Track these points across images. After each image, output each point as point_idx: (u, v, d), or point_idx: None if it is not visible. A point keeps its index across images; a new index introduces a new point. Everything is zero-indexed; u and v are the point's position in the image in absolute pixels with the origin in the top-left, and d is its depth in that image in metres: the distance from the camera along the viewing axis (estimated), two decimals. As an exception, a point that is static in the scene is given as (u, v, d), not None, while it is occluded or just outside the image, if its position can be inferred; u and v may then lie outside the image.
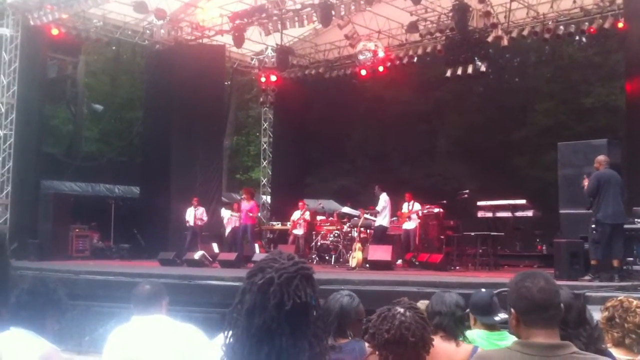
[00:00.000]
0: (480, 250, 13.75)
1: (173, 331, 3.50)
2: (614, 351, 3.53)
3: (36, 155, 17.54)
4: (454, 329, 3.74)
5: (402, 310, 2.75)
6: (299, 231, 16.77)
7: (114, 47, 19.91)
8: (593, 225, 9.57)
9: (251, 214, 15.19)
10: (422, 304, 4.07)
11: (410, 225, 14.96)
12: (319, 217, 17.80)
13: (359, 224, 15.19)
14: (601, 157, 9.94)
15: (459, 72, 16.63)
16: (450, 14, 15.55)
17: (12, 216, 16.52)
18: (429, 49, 18.30)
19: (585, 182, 9.80)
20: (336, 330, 3.48)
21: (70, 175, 23.32)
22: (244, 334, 1.75)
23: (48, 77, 19.03)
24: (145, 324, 3.55)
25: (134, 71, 28.58)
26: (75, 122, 26.87)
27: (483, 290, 4.41)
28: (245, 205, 15.83)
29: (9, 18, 16.89)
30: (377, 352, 2.81)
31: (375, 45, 18.01)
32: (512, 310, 2.40)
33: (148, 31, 19.34)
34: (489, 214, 14.85)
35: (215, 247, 16.63)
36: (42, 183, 18.40)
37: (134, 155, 25.67)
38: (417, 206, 15.01)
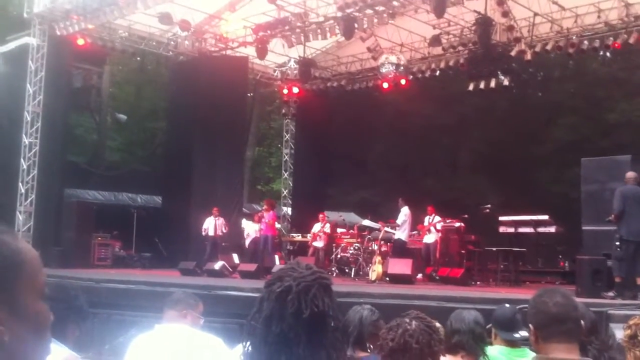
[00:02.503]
0: (502, 266, 13.64)
1: (195, 341, 3.51)
2: (637, 370, 3.47)
3: (60, 164, 17.74)
4: (474, 347, 3.69)
5: (407, 320, 2.78)
6: (319, 243, 16.75)
7: (138, 58, 20.14)
8: (617, 243, 9.46)
9: (268, 221, 15.49)
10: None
11: (430, 239, 14.89)
12: (339, 230, 17.79)
13: (380, 237, 15.16)
14: (630, 174, 9.85)
15: (482, 86, 16.58)
16: (473, 28, 15.51)
17: (36, 224, 16.69)
18: (451, 63, 18.24)
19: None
20: (355, 343, 3.48)
21: (93, 184, 23.57)
22: (262, 343, 1.75)
23: (73, 86, 19.31)
24: (167, 333, 3.57)
25: (158, 82, 28.85)
26: (99, 132, 27.20)
27: (507, 305, 4.38)
28: (267, 216, 15.93)
29: (36, 28, 17.14)
30: None
31: (398, 59, 18.02)
32: (531, 326, 2.39)
33: (172, 42, 19.52)
34: (511, 230, 14.76)
35: (235, 257, 16.67)
36: (65, 191, 18.59)
37: (157, 165, 25.87)
38: (437, 219, 14.97)
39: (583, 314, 3.41)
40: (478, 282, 13.63)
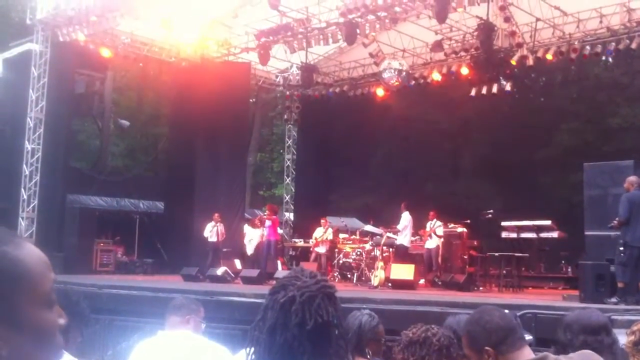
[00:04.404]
0: (504, 271, 13.62)
1: (198, 348, 3.50)
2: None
3: (63, 170, 17.77)
4: None
5: (433, 326, 2.80)
6: (322, 249, 16.74)
7: (141, 64, 20.14)
8: (621, 248, 9.44)
9: (271, 226, 15.46)
10: None
11: (432, 244, 14.87)
12: (341, 235, 17.77)
13: (382, 243, 15.15)
14: (632, 178, 9.80)
15: (484, 91, 16.58)
16: (476, 33, 15.54)
17: (38, 229, 16.70)
18: (453, 68, 18.25)
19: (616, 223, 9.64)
20: (354, 349, 3.46)
21: (96, 189, 23.55)
22: (266, 352, 1.74)
23: (76, 92, 19.32)
24: (170, 339, 3.56)
25: (161, 88, 28.90)
26: (101, 137, 27.18)
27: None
28: (268, 221, 15.94)
29: (39, 34, 17.19)
30: (399, 356, 2.83)
31: (400, 64, 18.02)
32: (488, 349, 2.38)
33: (174, 48, 19.57)
34: (514, 235, 14.72)
35: (237, 263, 16.68)
36: (68, 197, 18.60)
37: (159, 171, 25.91)
38: (438, 224, 14.95)
39: (605, 323, 3.42)
40: (481, 288, 13.62)
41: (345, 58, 20.93)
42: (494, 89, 16.39)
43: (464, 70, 17.36)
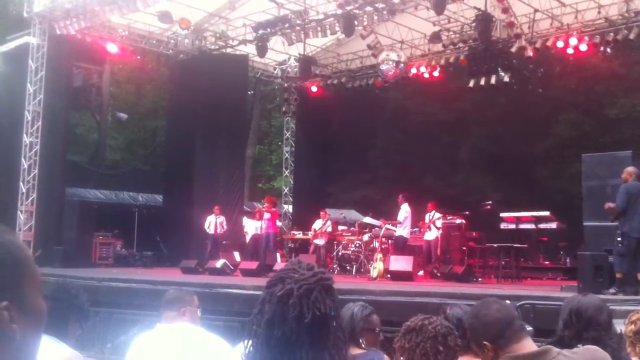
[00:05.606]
0: (503, 262, 13.64)
1: (196, 340, 3.50)
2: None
3: (61, 163, 17.74)
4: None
5: (434, 316, 2.82)
6: (321, 241, 16.75)
7: (138, 57, 20.10)
8: (619, 238, 9.45)
9: (270, 219, 15.43)
10: None
11: (431, 235, 14.87)
12: (340, 227, 17.79)
13: (381, 235, 15.16)
14: (631, 169, 9.79)
15: (482, 82, 16.56)
16: (474, 25, 15.50)
17: (37, 223, 16.69)
18: (452, 60, 18.22)
19: (610, 205, 9.61)
20: (348, 340, 3.47)
21: (94, 183, 23.57)
22: (264, 345, 1.73)
23: (74, 85, 19.29)
24: (169, 332, 3.56)
25: (158, 80, 28.87)
26: (100, 131, 27.19)
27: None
28: (267, 214, 15.93)
29: (36, 27, 17.13)
30: (397, 344, 2.84)
31: (398, 56, 17.99)
32: (486, 343, 2.37)
33: (172, 41, 19.53)
34: (512, 226, 14.77)
35: (236, 255, 16.69)
36: (67, 190, 18.59)
37: (158, 164, 25.90)
38: (437, 216, 14.96)
39: (599, 305, 3.43)
40: (479, 279, 13.63)
41: (343, 50, 20.89)
42: (492, 80, 16.37)
43: (462, 62, 17.35)
